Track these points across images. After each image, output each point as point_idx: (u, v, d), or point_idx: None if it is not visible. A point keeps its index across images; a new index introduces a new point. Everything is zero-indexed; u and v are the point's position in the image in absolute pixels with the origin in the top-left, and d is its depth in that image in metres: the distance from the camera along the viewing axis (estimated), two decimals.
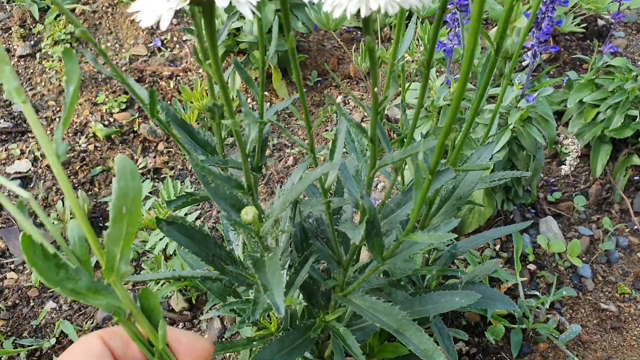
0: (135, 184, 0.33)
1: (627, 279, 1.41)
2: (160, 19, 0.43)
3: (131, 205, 0.33)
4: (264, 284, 0.64)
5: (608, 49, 1.63)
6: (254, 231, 0.69)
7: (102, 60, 1.94)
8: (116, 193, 0.32)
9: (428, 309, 0.90)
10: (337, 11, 0.42)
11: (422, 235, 0.66)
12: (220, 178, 0.67)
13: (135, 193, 0.33)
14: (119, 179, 0.32)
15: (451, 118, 0.50)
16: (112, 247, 0.33)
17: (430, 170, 0.58)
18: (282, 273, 0.65)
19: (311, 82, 1.91)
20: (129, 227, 0.33)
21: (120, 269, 0.34)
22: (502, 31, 0.72)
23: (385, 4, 0.41)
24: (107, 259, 0.34)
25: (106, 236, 0.33)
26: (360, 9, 0.41)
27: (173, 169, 1.63)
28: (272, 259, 0.70)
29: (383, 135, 0.73)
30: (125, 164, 0.33)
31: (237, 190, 0.68)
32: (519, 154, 1.36)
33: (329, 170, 0.69)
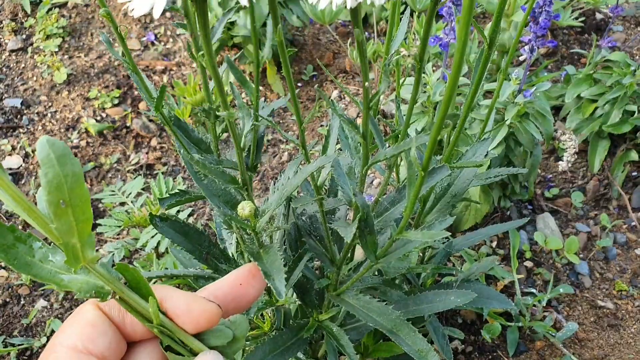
0: (68, 169, 0.28)
1: (624, 275, 1.40)
2: (153, 7, 0.41)
3: (70, 196, 0.28)
4: (264, 271, 0.63)
5: (606, 43, 1.61)
6: (250, 227, 0.67)
7: (95, 55, 1.92)
8: (46, 187, 0.28)
9: (423, 308, 0.89)
10: (323, 2, 0.40)
11: (415, 234, 0.65)
12: (213, 172, 0.65)
13: (71, 181, 0.28)
14: (45, 171, 0.28)
15: (442, 115, 0.48)
16: (68, 239, 0.30)
17: (423, 167, 0.56)
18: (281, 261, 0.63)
19: (306, 76, 1.89)
20: (78, 216, 0.29)
21: (86, 255, 0.31)
22: (495, 25, 0.71)
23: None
24: (67, 251, 0.30)
25: (55, 230, 0.29)
26: (347, 0, 0.39)
27: (166, 165, 1.61)
28: (269, 252, 0.68)
29: (376, 131, 0.71)
30: (49, 149, 0.28)
31: (231, 185, 0.67)
32: (516, 149, 1.34)
33: (323, 163, 0.67)
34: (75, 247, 0.30)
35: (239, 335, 0.37)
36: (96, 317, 0.34)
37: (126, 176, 1.56)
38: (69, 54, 1.92)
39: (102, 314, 0.34)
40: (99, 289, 0.33)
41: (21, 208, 0.29)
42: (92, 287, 0.33)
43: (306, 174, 0.63)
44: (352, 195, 0.76)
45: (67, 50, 1.93)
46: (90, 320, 0.34)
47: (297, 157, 0.80)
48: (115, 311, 0.35)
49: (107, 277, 0.32)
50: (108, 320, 0.34)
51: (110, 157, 1.60)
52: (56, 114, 1.73)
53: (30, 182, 1.54)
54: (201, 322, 0.35)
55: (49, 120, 1.71)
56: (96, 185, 1.55)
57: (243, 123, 0.61)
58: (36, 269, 0.31)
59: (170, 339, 0.35)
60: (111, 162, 1.59)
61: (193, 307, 0.34)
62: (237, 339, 0.37)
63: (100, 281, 0.32)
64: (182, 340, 0.35)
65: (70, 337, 0.33)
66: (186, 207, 1.45)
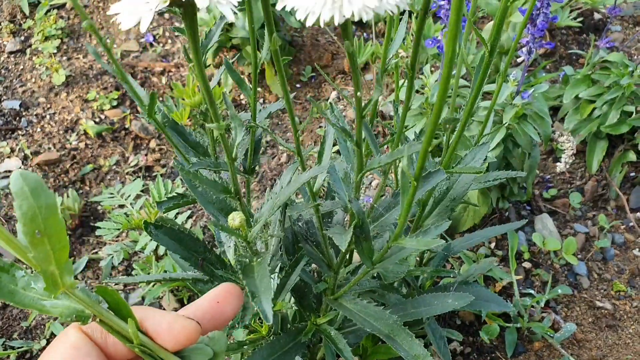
0: (41, 201, 0.29)
1: (622, 276, 1.40)
2: (140, 21, 0.42)
3: (45, 226, 0.29)
4: (252, 290, 0.63)
5: (604, 43, 1.61)
6: (242, 236, 0.67)
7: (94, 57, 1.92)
8: (21, 219, 0.28)
9: (421, 311, 0.89)
10: (311, 19, 0.40)
11: (410, 241, 0.65)
12: (206, 183, 0.65)
13: (45, 212, 0.29)
14: (20, 204, 0.28)
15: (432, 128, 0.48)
16: (46, 267, 0.31)
17: (415, 177, 0.56)
18: (270, 279, 0.64)
19: (305, 77, 1.89)
20: (54, 244, 0.30)
21: (65, 281, 0.32)
22: (496, 33, 0.71)
23: (359, 10, 0.40)
24: (46, 279, 0.31)
25: (32, 258, 0.30)
26: (334, 16, 0.40)
27: (165, 167, 1.61)
28: (261, 264, 0.69)
29: (371, 138, 0.71)
30: (22, 182, 0.28)
31: (225, 194, 0.67)
32: (514, 151, 1.34)
33: (317, 173, 0.68)
34: (54, 274, 0.31)
35: (218, 350, 0.38)
36: (79, 340, 0.35)
37: (125, 178, 1.56)
38: (68, 56, 1.92)
39: (84, 336, 0.35)
40: (79, 313, 0.34)
41: (0, 239, 0.30)
42: (73, 311, 0.34)
43: (299, 183, 0.64)
44: (347, 202, 0.76)
45: (66, 51, 1.93)
46: (73, 343, 0.34)
47: (294, 162, 0.80)
48: (97, 333, 0.35)
49: (87, 301, 0.33)
50: (91, 342, 0.35)
51: (109, 159, 1.60)
52: (55, 115, 1.74)
53: None
54: (181, 339, 0.35)
55: (47, 122, 1.71)
56: (95, 187, 1.55)
57: (235, 134, 0.61)
58: (19, 297, 0.32)
59: (152, 358, 0.35)
60: (110, 164, 1.59)
61: (173, 326, 0.35)
62: (217, 354, 0.38)
63: (81, 305, 0.33)
64: (162, 358, 0.36)
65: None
66: (185, 209, 1.45)
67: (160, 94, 1.80)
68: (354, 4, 0.39)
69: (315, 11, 0.40)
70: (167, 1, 0.42)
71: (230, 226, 0.65)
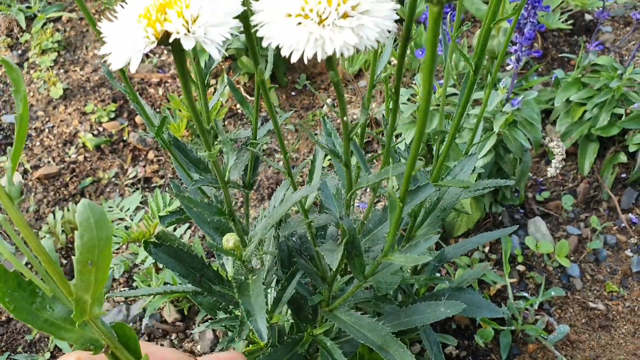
0: (102, 233, 0.30)
1: (615, 277, 1.43)
2: (130, 61, 0.44)
3: (98, 258, 0.31)
4: (247, 309, 0.66)
5: (594, 47, 1.63)
6: (236, 256, 0.70)
7: (91, 69, 1.94)
8: (80, 248, 0.30)
9: (414, 320, 0.92)
10: (295, 55, 0.43)
11: (399, 257, 0.67)
12: (201, 206, 0.68)
13: (103, 244, 0.31)
14: (82, 233, 0.30)
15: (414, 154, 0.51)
16: (81, 294, 0.32)
17: (400, 199, 0.59)
18: (265, 298, 0.66)
19: (300, 85, 1.91)
20: (99, 276, 0.32)
21: (93, 312, 0.33)
22: (480, 52, 0.73)
23: (340, 47, 0.42)
24: (77, 305, 0.33)
25: (73, 286, 0.32)
26: (317, 53, 0.42)
27: (163, 178, 1.63)
28: (256, 282, 0.71)
29: (360, 157, 0.74)
30: (90, 213, 0.30)
31: (219, 216, 0.69)
32: (506, 157, 1.37)
33: (307, 193, 0.70)
34: (86, 303, 0.32)
35: None
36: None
37: (124, 190, 1.59)
38: (65, 68, 1.94)
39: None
40: (94, 342, 0.35)
41: (42, 259, 0.32)
42: (88, 339, 0.35)
43: (291, 202, 0.66)
44: (339, 218, 0.78)
45: (63, 64, 1.95)
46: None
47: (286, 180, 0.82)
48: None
49: (105, 332, 0.35)
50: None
51: (108, 172, 1.63)
52: (53, 129, 1.76)
53: (30, 199, 1.56)
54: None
55: (46, 136, 1.74)
56: (95, 200, 1.57)
57: (227, 157, 0.63)
58: (33, 317, 0.34)
59: None
60: (109, 177, 1.61)
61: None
62: None
63: (96, 335, 0.35)
64: None
65: None
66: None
67: (157, 105, 1.83)
68: (336, 42, 0.42)
69: (299, 48, 0.42)
70: (155, 42, 0.44)
71: (225, 248, 0.67)
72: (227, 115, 1.80)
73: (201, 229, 0.79)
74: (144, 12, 0.44)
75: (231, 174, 0.76)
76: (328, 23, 0.41)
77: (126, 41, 0.44)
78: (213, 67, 0.85)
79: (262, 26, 0.44)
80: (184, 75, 0.50)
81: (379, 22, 0.42)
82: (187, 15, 0.43)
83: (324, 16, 0.41)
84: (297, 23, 0.42)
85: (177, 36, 0.42)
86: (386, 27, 0.43)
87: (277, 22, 0.43)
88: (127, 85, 0.74)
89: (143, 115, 0.80)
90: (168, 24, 0.42)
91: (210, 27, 0.43)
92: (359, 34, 0.41)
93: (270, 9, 0.43)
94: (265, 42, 0.45)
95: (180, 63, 0.49)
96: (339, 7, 0.41)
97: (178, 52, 0.48)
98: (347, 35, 0.41)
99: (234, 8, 0.45)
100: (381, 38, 0.44)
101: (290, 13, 0.42)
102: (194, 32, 0.43)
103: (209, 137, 0.59)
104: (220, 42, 0.44)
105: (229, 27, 0.44)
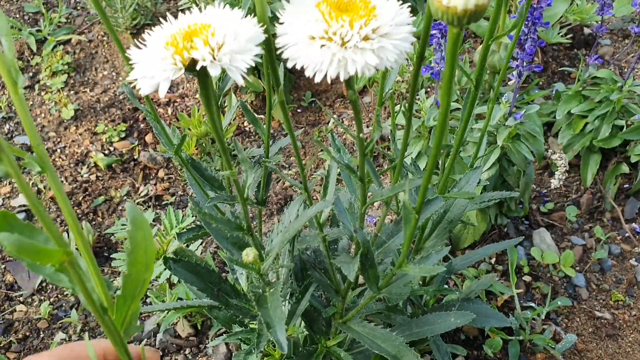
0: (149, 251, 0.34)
1: (620, 286, 1.45)
2: (158, 87, 0.47)
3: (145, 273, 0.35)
4: (267, 321, 0.68)
5: (593, 60, 1.67)
6: (255, 270, 0.73)
7: (101, 90, 1.98)
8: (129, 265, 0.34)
9: (425, 331, 0.94)
10: (319, 76, 0.46)
11: (413, 268, 0.70)
12: (221, 222, 0.71)
13: (149, 260, 0.35)
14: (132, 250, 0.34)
15: (430, 168, 0.54)
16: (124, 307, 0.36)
17: (417, 211, 0.62)
18: (283, 309, 0.69)
19: (305, 102, 1.95)
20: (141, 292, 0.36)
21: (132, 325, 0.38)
22: (480, 68, 0.76)
23: (362, 68, 0.45)
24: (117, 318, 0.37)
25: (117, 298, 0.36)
26: (340, 73, 0.45)
27: (174, 195, 1.67)
28: (274, 295, 0.74)
29: (373, 172, 0.77)
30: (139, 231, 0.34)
31: (238, 231, 0.72)
32: (510, 169, 1.40)
33: (322, 208, 0.73)
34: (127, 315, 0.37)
35: None
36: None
37: None
38: (75, 89, 1.98)
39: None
40: None
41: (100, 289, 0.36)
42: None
43: (307, 217, 0.69)
44: (352, 231, 0.81)
45: (73, 85, 2.00)
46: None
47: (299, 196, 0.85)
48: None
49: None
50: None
51: (120, 190, 1.66)
52: (65, 149, 1.79)
53: None
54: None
55: (58, 156, 1.77)
56: (107, 218, 1.60)
57: (246, 176, 0.67)
58: None
59: None
60: (121, 195, 1.65)
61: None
62: None
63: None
64: None
65: None
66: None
67: (167, 124, 1.86)
68: (358, 62, 0.45)
69: (323, 69, 0.45)
70: (182, 69, 0.47)
71: (245, 262, 0.70)
72: (235, 133, 1.84)
73: (219, 244, 0.82)
74: (171, 40, 0.47)
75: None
76: (350, 45, 0.44)
77: (155, 68, 0.47)
78: (226, 89, 0.88)
79: (287, 48, 0.47)
80: (208, 99, 0.53)
81: (398, 44, 0.45)
82: (212, 43, 0.45)
83: (347, 39, 0.44)
84: (320, 45, 0.44)
85: (204, 63, 0.45)
86: (404, 49, 0.46)
87: (301, 44, 0.45)
88: (149, 107, 0.78)
89: (163, 135, 0.84)
90: (195, 52, 0.45)
91: (235, 54, 0.46)
92: (380, 55, 0.44)
93: (294, 32, 0.46)
94: (290, 63, 0.48)
95: (205, 88, 0.52)
96: (361, 30, 0.43)
97: (203, 78, 0.51)
98: (368, 56, 0.44)
99: (257, 35, 0.48)
100: (400, 59, 0.47)
101: (314, 36, 0.45)
102: (220, 60, 0.45)
103: (229, 156, 0.62)
104: (245, 69, 0.47)
105: (253, 54, 0.47)
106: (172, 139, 0.84)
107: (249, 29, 0.47)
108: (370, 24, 0.44)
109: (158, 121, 0.79)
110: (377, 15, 0.45)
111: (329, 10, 0.45)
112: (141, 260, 0.34)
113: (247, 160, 0.69)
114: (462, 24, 0.40)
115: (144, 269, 0.35)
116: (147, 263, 0.35)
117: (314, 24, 0.44)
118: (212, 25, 0.47)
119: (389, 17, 0.44)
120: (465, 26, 0.40)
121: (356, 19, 0.44)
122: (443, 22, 0.41)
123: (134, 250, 0.34)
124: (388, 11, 0.45)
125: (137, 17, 2.08)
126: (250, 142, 1.84)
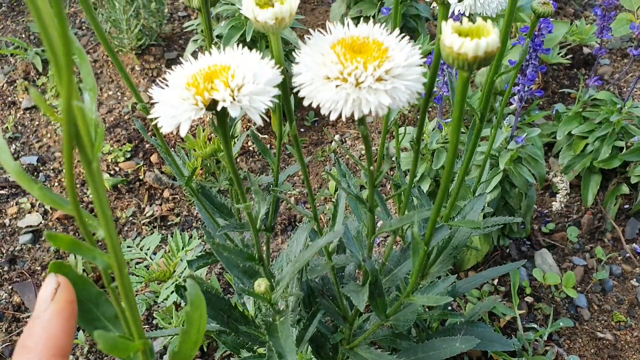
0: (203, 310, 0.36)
1: (622, 306, 1.46)
2: (180, 127, 0.49)
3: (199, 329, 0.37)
4: (278, 351, 0.70)
5: (593, 82, 1.69)
6: (266, 299, 0.74)
7: (106, 110, 2.01)
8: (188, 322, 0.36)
9: (431, 356, 0.95)
10: (334, 115, 0.47)
11: (421, 298, 0.72)
12: (233, 252, 0.72)
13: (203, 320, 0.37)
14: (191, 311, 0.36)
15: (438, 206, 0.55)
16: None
17: (426, 242, 0.63)
18: (293, 338, 0.70)
19: (309, 122, 1.97)
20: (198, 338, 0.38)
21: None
22: (485, 101, 0.79)
23: (376, 107, 0.47)
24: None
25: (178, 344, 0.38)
26: (354, 112, 0.47)
27: (179, 216, 1.68)
28: (284, 324, 0.75)
29: (382, 203, 0.79)
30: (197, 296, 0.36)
31: (249, 262, 0.74)
32: (512, 192, 1.41)
33: (332, 239, 0.75)
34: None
35: None
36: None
37: (142, 229, 1.63)
38: None
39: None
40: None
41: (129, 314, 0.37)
42: None
43: (317, 248, 0.71)
44: (361, 259, 0.83)
45: None
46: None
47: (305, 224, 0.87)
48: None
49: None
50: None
51: (126, 211, 1.68)
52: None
53: None
54: None
55: (64, 177, 1.79)
56: None
57: (259, 207, 0.68)
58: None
59: None
60: (127, 216, 1.66)
61: None
62: None
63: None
64: None
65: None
66: None
67: (172, 145, 1.88)
68: (372, 102, 0.46)
69: (338, 108, 0.47)
70: (203, 109, 0.49)
71: (257, 292, 0.72)
72: (239, 152, 1.86)
73: (230, 272, 0.83)
74: (192, 81, 0.49)
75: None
76: (364, 86, 0.45)
77: (177, 108, 0.48)
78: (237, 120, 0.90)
79: (303, 87, 0.48)
80: (226, 137, 0.55)
81: (410, 85, 0.46)
82: (232, 85, 0.47)
83: (361, 79, 0.45)
84: (335, 85, 0.46)
85: (225, 104, 0.47)
86: (416, 89, 0.47)
87: (317, 84, 0.47)
88: (160, 140, 0.80)
89: (173, 166, 0.86)
90: (216, 93, 0.46)
91: (254, 95, 0.48)
92: (393, 96, 0.46)
93: (310, 72, 0.47)
94: (307, 102, 0.49)
95: (223, 127, 0.53)
96: (375, 71, 0.45)
97: (222, 118, 0.52)
98: (382, 97, 0.45)
99: (275, 77, 0.50)
100: (411, 99, 0.48)
101: (329, 76, 0.46)
102: (240, 101, 0.47)
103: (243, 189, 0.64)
104: (263, 110, 0.48)
105: (271, 95, 0.48)
106: (182, 169, 0.85)
107: (267, 71, 0.49)
108: (384, 66, 0.45)
109: (169, 154, 0.80)
110: (389, 57, 0.46)
111: (344, 52, 0.47)
112: (192, 338, 0.36)
113: (260, 193, 0.71)
114: (472, 69, 0.42)
115: (193, 346, 0.36)
116: (197, 341, 0.37)
117: (330, 65, 0.46)
118: (232, 67, 0.49)
119: (402, 59, 0.46)
120: (478, 69, 0.42)
121: (370, 60, 0.45)
122: (453, 67, 0.43)
123: (189, 329, 0.36)
124: (400, 53, 0.47)
125: (142, 38, 2.11)
126: (254, 162, 1.86)
